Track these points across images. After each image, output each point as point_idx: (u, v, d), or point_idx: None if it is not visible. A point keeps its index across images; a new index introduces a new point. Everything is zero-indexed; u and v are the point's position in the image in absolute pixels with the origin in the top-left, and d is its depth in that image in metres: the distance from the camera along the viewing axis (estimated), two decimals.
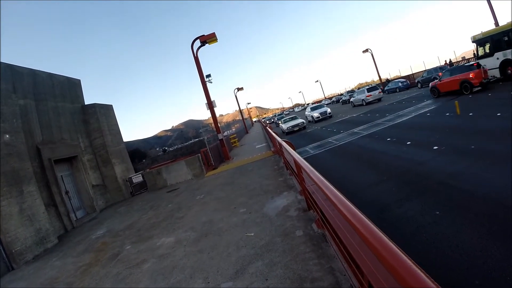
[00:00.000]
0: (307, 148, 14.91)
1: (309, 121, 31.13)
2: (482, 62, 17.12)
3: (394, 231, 4.61)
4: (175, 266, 4.86)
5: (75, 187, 12.85)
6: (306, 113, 33.79)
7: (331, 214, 3.40)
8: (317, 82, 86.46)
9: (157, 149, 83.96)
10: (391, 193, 6.18)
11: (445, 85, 18.78)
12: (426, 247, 4.02)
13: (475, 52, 18.77)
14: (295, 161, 4.52)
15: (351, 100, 35.34)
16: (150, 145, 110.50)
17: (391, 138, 11.15)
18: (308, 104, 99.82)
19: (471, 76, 16.57)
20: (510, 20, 15.51)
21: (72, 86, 15.06)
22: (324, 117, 28.52)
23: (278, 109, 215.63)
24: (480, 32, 17.73)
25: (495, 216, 4.26)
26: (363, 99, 30.24)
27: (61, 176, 11.97)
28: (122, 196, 15.06)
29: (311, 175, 3.27)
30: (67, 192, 11.87)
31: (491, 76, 16.91)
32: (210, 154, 16.57)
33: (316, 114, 29.23)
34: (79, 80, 15.94)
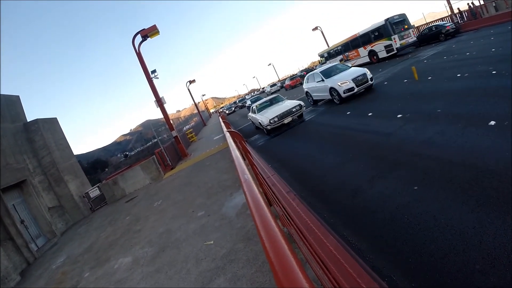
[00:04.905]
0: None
1: (315, 102, 16.09)
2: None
3: (371, 216, 4.01)
4: None
5: (30, 214, 11.63)
6: (308, 86, 16.24)
7: (296, 208, 2.86)
8: (270, 66, 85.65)
9: (118, 155, 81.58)
10: (361, 171, 5.52)
11: (287, 86, 44.45)
12: (411, 231, 3.39)
13: (320, 61, 36.20)
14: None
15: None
16: (111, 152, 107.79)
17: (350, 111, 10.68)
18: (273, 84, 63.85)
19: (290, 83, 44.00)
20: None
21: (11, 104, 13.80)
22: (364, 85, 12.73)
23: (234, 97, 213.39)
24: (322, 50, 34.55)
25: (480, 184, 3.71)
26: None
27: (13, 205, 10.78)
28: (82, 214, 13.99)
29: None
30: (22, 222, 10.65)
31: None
32: (165, 154, 15.93)
33: (346, 83, 12.58)
34: (18, 96, 14.71)
